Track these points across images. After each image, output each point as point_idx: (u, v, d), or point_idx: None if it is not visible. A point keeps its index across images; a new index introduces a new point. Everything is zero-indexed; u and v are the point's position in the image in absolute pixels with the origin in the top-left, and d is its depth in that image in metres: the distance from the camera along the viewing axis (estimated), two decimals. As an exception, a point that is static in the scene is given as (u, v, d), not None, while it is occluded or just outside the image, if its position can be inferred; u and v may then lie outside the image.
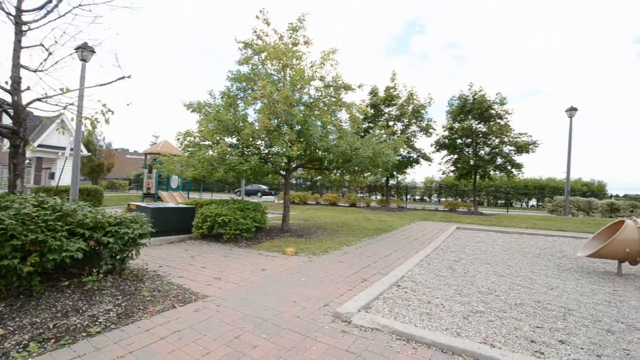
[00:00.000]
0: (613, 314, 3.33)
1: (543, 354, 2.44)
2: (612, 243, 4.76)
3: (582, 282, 4.51)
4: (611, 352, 2.50)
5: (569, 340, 2.69)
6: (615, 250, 4.79)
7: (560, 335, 2.77)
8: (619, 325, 3.02)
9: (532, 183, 28.44)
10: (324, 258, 5.33)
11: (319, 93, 7.44)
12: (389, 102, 16.62)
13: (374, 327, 2.80)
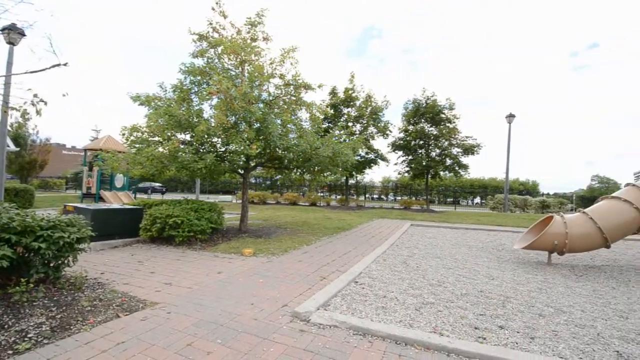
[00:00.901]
0: (544, 299, 3.72)
1: (485, 339, 2.65)
2: (543, 236, 5.34)
3: (518, 272, 4.98)
4: (542, 333, 2.79)
5: (507, 325, 2.95)
6: (545, 242, 5.37)
7: (499, 321, 3.04)
8: (549, 310, 3.39)
9: (476, 182, 30.89)
10: (284, 258, 5.27)
11: (279, 91, 7.35)
12: (348, 103, 16.98)
13: (332, 324, 2.83)
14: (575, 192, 29.51)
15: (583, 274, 4.98)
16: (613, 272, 5.14)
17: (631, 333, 2.85)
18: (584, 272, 5.11)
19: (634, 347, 2.58)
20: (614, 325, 3.02)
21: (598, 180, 35.03)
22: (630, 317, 3.23)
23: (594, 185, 34.44)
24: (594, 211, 5.48)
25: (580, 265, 5.63)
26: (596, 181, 35.11)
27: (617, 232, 5.25)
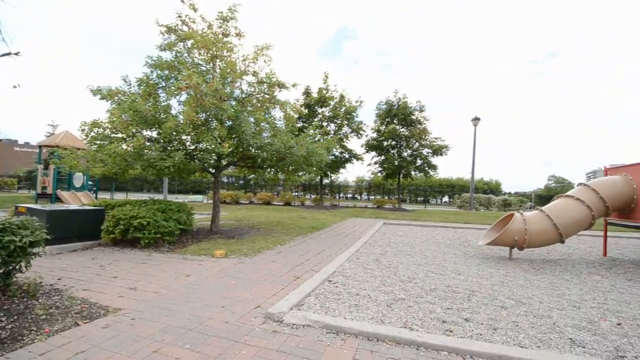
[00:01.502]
0: (506, 292, 3.94)
1: (452, 332, 2.76)
2: (505, 233, 5.65)
3: (482, 267, 5.24)
4: (504, 325, 2.95)
5: (472, 317, 3.09)
6: (507, 238, 5.69)
7: (465, 314, 3.17)
8: (510, 302, 3.59)
9: (445, 182, 32.17)
10: (257, 259, 5.19)
11: (252, 89, 7.21)
12: (322, 103, 17.03)
13: (305, 324, 2.82)
14: (534, 191, 31.61)
15: (541, 268, 5.34)
16: (567, 266, 5.55)
17: (583, 321, 3.08)
18: (542, 266, 5.47)
19: (585, 334, 2.80)
20: (568, 314, 3.26)
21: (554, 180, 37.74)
22: (582, 307, 3.50)
23: (550, 184, 37.08)
24: (550, 209, 5.88)
25: (538, 259, 6.02)
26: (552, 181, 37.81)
27: (570, 228, 5.67)
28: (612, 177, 6.04)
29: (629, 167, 5.88)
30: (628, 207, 5.69)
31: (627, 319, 3.18)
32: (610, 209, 5.67)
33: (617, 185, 5.73)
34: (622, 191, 5.64)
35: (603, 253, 6.54)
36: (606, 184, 5.85)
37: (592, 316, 3.22)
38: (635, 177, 5.61)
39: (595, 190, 5.71)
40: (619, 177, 5.86)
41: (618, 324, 3.05)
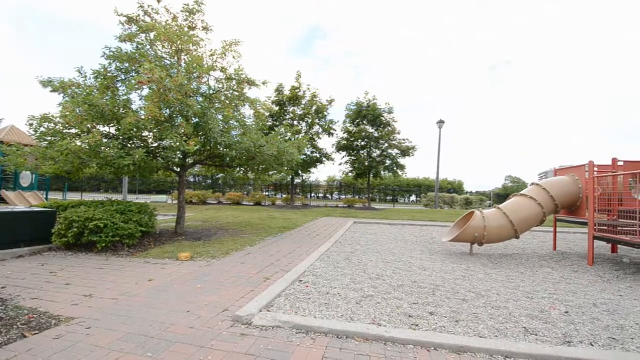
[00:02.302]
0: (467, 285, 4.15)
1: (417, 326, 2.85)
2: (466, 230, 5.96)
3: (446, 262, 5.49)
4: (465, 316, 3.11)
5: (436, 311, 3.22)
6: (468, 235, 6.00)
7: (430, 308, 3.30)
8: (471, 295, 3.78)
9: (412, 182, 33.36)
10: (225, 260, 5.04)
11: (220, 85, 6.99)
12: (294, 101, 16.96)
13: (274, 325, 2.78)
14: (493, 190, 33.68)
15: (498, 262, 5.69)
16: (521, 259, 5.96)
17: (535, 311, 3.32)
18: (499, 260, 5.83)
19: (537, 323, 3.02)
20: (522, 305, 3.49)
21: (510, 179, 40.47)
22: (534, 297, 3.77)
23: (507, 184, 39.70)
24: (506, 206, 6.28)
25: (496, 254, 6.41)
26: (509, 180, 40.52)
27: (524, 224, 6.10)
28: (560, 177, 6.57)
29: (575, 168, 6.44)
30: (574, 204, 6.22)
31: (573, 307, 3.48)
32: (559, 206, 6.17)
33: (565, 184, 6.25)
34: (570, 190, 6.16)
35: (553, 247, 7.10)
36: (555, 183, 6.35)
37: (543, 306, 3.48)
38: (580, 177, 6.15)
39: (546, 189, 6.18)
40: (567, 177, 6.39)
41: (566, 312, 3.32)
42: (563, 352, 2.39)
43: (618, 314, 3.29)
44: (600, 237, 5.36)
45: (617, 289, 4.17)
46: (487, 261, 5.71)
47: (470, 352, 2.44)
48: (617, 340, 2.68)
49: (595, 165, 5.70)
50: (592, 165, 5.64)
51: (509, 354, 2.39)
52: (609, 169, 5.93)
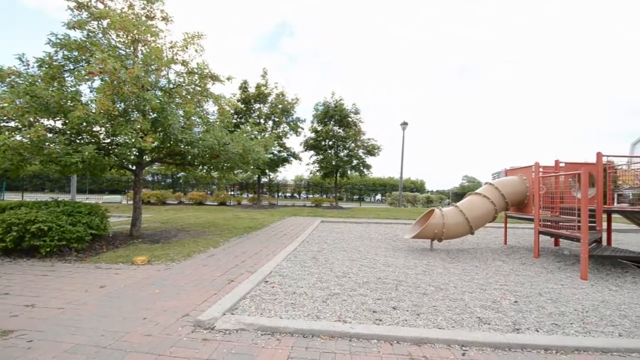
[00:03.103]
0: (427, 280, 4.34)
1: (381, 320, 2.93)
2: (426, 227, 6.23)
3: (409, 258, 5.70)
4: (426, 309, 3.24)
5: (399, 305, 3.32)
6: (428, 232, 6.28)
7: (393, 303, 3.40)
8: (431, 288, 3.96)
9: (378, 181, 34.27)
10: (186, 264, 4.82)
11: (181, 79, 6.66)
12: (260, 99, 16.67)
13: (239, 328, 2.70)
14: (451, 189, 35.61)
15: (456, 257, 6.02)
16: (476, 254, 6.36)
17: (488, 302, 3.55)
18: (457, 255, 6.17)
19: (490, 313, 3.23)
20: (477, 296, 3.72)
21: (467, 179, 43.08)
22: (487, 289, 4.03)
23: (464, 183, 42.20)
24: (463, 205, 6.67)
25: (454, 249, 6.78)
26: (466, 180, 43.10)
27: (479, 221, 6.51)
28: (511, 177, 7.11)
29: (523, 169, 6.99)
30: (522, 202, 6.76)
31: (521, 297, 3.77)
32: (509, 204, 6.67)
33: (515, 184, 6.76)
34: (518, 189, 6.68)
35: (504, 242, 7.66)
36: (506, 183, 6.85)
37: (496, 296, 3.73)
38: (528, 178, 6.69)
39: (497, 188, 6.65)
40: (516, 177, 6.92)
41: (515, 301, 3.59)
42: (513, 339, 2.57)
43: (560, 301, 3.63)
44: (545, 232, 5.88)
45: (559, 279, 4.59)
46: (446, 256, 6.01)
47: (430, 343, 2.55)
48: (559, 326, 2.95)
49: (541, 166, 6.23)
50: (538, 166, 6.16)
51: (465, 343, 2.53)
52: (553, 170, 6.51)
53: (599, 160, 5.60)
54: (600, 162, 5.64)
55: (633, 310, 3.40)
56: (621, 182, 6.74)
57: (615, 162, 6.47)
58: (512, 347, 2.50)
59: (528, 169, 6.63)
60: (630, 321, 3.10)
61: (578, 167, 5.76)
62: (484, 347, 2.52)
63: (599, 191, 5.56)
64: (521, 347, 2.51)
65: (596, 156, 5.61)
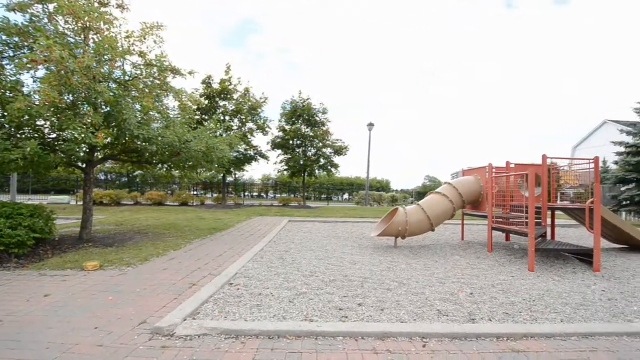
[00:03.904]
0: (391, 276, 4.47)
1: (347, 317, 2.97)
2: (391, 225, 6.43)
3: (374, 256, 5.84)
4: (389, 304, 3.34)
5: (364, 302, 3.39)
6: (393, 229, 6.49)
7: (358, 299, 3.47)
8: (394, 284, 4.09)
9: (345, 181, 34.77)
10: (143, 268, 4.54)
11: (139, 71, 6.24)
12: (224, 96, 16.16)
13: (201, 333, 2.60)
14: (415, 189, 37.13)
15: (418, 253, 6.28)
16: (437, 249, 6.68)
17: (447, 294, 3.74)
18: (418, 251, 6.44)
19: (448, 305, 3.41)
20: (436, 290, 3.91)
21: (429, 179, 45.10)
22: (446, 282, 4.25)
23: (426, 182, 44.09)
24: (424, 203, 6.98)
25: (416, 245, 7.07)
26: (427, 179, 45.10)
27: (439, 218, 6.84)
28: (467, 177, 7.55)
29: (478, 169, 7.46)
30: (477, 200, 7.21)
31: (476, 289, 4.02)
32: (466, 202, 7.09)
33: (471, 183, 7.20)
34: (474, 188, 7.12)
35: (461, 238, 8.13)
36: (463, 182, 7.28)
37: (453, 289, 3.94)
38: (482, 177, 7.15)
39: (455, 187, 7.03)
40: (472, 177, 7.37)
41: (470, 293, 3.82)
42: (469, 329, 2.74)
43: (510, 292, 3.92)
44: (497, 228, 6.32)
45: (510, 271, 4.96)
46: (408, 252, 6.25)
47: (392, 337, 2.63)
48: (510, 315, 3.19)
49: (494, 167, 6.69)
50: (491, 167, 6.61)
51: (425, 335, 2.65)
52: (504, 170, 7.02)
53: (544, 162, 6.12)
54: (545, 163, 6.17)
55: (572, 298, 3.77)
56: (563, 181, 7.42)
57: (558, 164, 7.12)
58: (468, 337, 2.66)
59: (482, 170, 7.09)
60: (571, 308, 3.43)
61: (526, 167, 6.27)
62: (443, 337, 2.65)
63: (544, 190, 6.09)
64: (476, 336, 2.67)
65: (542, 158, 6.14)
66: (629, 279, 4.67)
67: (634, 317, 3.20)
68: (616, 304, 3.58)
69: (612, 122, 23.58)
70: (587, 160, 5.85)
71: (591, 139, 26.55)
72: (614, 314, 3.28)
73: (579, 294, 3.89)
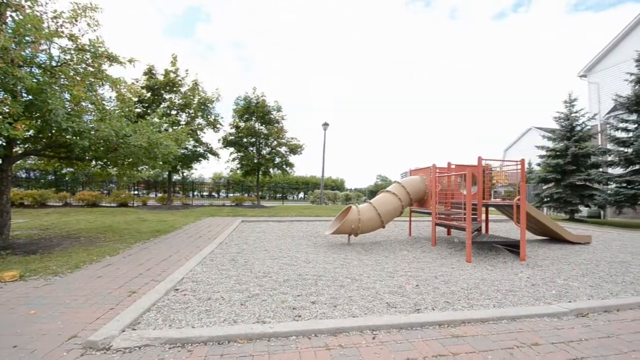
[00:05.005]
0: (344, 273, 4.57)
1: (300, 316, 2.96)
2: (344, 223, 6.58)
3: (328, 254, 5.92)
4: (342, 301, 3.41)
5: (318, 300, 3.42)
6: (346, 227, 6.64)
7: (312, 297, 3.48)
8: (347, 280, 4.18)
9: (301, 180, 34.80)
10: (73, 277, 4.06)
11: (69, 56, 5.56)
12: (171, 88, 15.10)
13: (142, 344, 2.39)
14: (367, 187, 38.48)
15: (369, 249, 6.50)
16: (387, 245, 6.99)
17: (395, 287, 3.93)
18: (370, 247, 6.68)
19: (397, 297, 3.58)
20: (386, 284, 4.08)
21: (380, 178, 47.05)
22: (395, 276, 4.46)
23: (378, 182, 45.94)
24: (375, 201, 7.26)
25: (368, 242, 7.33)
26: (379, 179, 47.02)
27: (389, 215, 7.17)
28: (414, 176, 8.03)
29: (423, 169, 7.97)
30: (423, 198, 7.70)
31: (422, 280, 4.28)
32: (413, 200, 7.53)
33: (417, 182, 7.66)
34: (420, 187, 7.59)
35: (409, 233, 8.62)
36: (411, 181, 7.72)
37: (401, 282, 4.15)
38: (427, 177, 7.65)
39: (404, 186, 7.44)
40: (418, 177, 7.85)
41: (416, 285, 4.05)
42: (414, 319, 2.90)
43: (451, 282, 4.24)
44: (440, 224, 6.82)
45: (451, 263, 5.37)
46: (361, 249, 6.45)
47: (345, 332, 2.68)
48: (450, 303, 3.44)
49: (437, 167, 7.19)
50: (435, 167, 7.10)
51: (375, 328, 2.75)
52: (446, 170, 7.59)
53: (480, 163, 6.73)
54: (480, 164, 6.79)
55: (503, 285, 4.20)
56: (495, 181, 8.24)
57: (491, 165, 7.88)
58: (414, 326, 2.82)
59: (427, 170, 7.58)
60: (501, 294, 3.81)
61: (464, 168, 6.85)
62: (391, 329, 2.77)
63: (479, 189, 6.70)
64: (421, 325, 2.84)
65: (477, 160, 6.74)
66: (548, 266, 5.35)
67: (552, 299, 3.67)
68: (538, 289, 4.07)
69: (536, 128, 26.83)
70: (515, 162, 6.56)
71: (519, 143, 29.99)
72: (537, 297, 3.73)
73: (508, 282, 4.35)
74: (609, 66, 16.04)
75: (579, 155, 13.29)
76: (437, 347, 2.50)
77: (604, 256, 6.22)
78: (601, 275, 4.77)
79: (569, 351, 2.49)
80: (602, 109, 16.10)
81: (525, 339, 2.66)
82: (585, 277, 4.65)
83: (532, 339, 2.68)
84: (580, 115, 13.97)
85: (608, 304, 3.49)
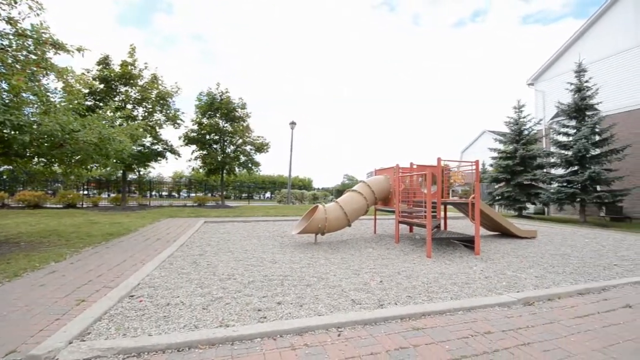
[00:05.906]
0: (311, 272, 4.57)
1: (266, 318, 2.92)
2: (311, 222, 6.59)
3: (295, 253, 5.89)
4: (308, 300, 3.41)
5: (284, 300, 3.38)
6: (313, 227, 6.65)
7: (278, 298, 3.44)
8: (314, 279, 4.19)
9: (267, 179, 34.29)
10: (11, 286, 3.66)
11: (6, 42, 4.99)
12: (127, 81, 14.14)
13: (93, 356, 2.22)
14: (335, 187, 38.91)
15: (336, 247, 6.57)
16: (353, 243, 7.11)
17: (360, 285, 4.01)
18: (337, 246, 6.75)
19: (362, 294, 3.65)
20: (352, 281, 4.15)
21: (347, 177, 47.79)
22: (360, 273, 4.54)
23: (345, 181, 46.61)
24: (342, 200, 7.36)
25: (335, 241, 7.40)
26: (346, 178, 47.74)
27: (354, 214, 7.30)
28: (379, 176, 8.25)
29: (387, 169, 8.22)
30: (387, 197, 7.94)
31: (385, 277, 4.41)
32: (378, 199, 7.73)
33: (381, 182, 7.88)
34: (384, 186, 7.81)
35: (374, 231, 8.84)
36: (376, 181, 7.92)
37: (366, 279, 4.25)
38: (391, 177, 7.90)
39: (369, 185, 7.61)
40: (383, 176, 8.08)
41: (380, 281, 4.17)
42: (378, 314, 2.97)
43: (412, 277, 4.41)
44: (403, 221, 7.07)
45: (412, 259, 5.59)
46: (327, 248, 6.50)
47: (310, 331, 2.68)
48: (411, 297, 3.58)
49: (400, 167, 7.45)
50: (398, 167, 7.35)
51: (340, 325, 2.78)
52: (409, 170, 7.88)
53: (439, 164, 7.08)
54: (440, 165, 7.14)
55: (459, 278, 4.45)
56: (453, 181, 8.71)
57: (450, 165, 8.32)
58: (378, 321, 2.89)
59: (391, 170, 7.83)
60: (458, 287, 4.04)
61: (425, 168, 7.16)
62: (356, 325, 2.82)
63: (439, 188, 7.04)
64: (384, 319, 2.92)
65: (437, 160, 7.09)
66: (499, 259, 5.76)
67: (502, 290, 3.95)
68: (491, 280, 4.37)
69: (489, 132, 28.83)
70: (471, 163, 6.99)
71: (475, 145, 32.05)
72: (489, 289, 4.00)
73: (464, 275, 4.62)
74: (553, 76, 17.65)
75: (526, 157, 14.51)
76: (399, 340, 2.58)
77: (547, 249, 6.84)
78: (545, 267, 5.24)
79: (517, 337, 2.70)
80: (546, 115, 17.67)
81: (479, 328, 2.84)
82: (531, 269, 5.07)
83: (485, 327, 2.87)
84: (527, 120, 15.24)
85: (551, 292, 3.83)
